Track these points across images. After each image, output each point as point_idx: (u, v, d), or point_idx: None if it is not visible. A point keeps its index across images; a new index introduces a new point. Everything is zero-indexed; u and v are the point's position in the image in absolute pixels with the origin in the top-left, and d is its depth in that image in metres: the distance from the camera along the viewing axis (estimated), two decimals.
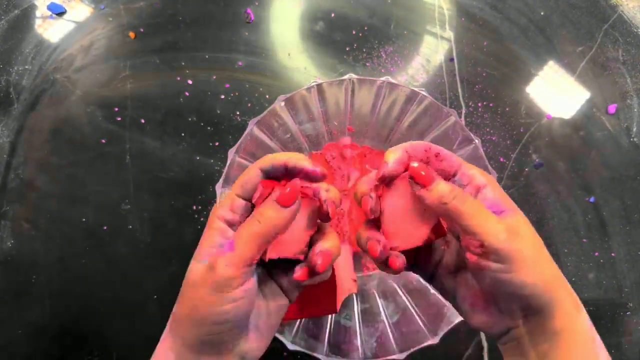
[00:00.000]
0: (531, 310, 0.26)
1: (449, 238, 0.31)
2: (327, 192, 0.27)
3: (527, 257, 0.25)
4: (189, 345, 0.27)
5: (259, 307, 0.29)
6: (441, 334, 0.40)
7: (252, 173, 0.27)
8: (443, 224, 0.28)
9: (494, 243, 0.25)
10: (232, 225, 0.28)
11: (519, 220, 0.27)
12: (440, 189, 0.26)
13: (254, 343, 0.29)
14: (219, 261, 0.25)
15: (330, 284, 0.33)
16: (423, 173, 0.26)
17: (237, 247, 0.26)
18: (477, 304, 0.28)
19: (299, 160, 0.27)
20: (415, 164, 0.26)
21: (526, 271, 0.25)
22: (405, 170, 0.27)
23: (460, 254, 0.30)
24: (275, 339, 0.40)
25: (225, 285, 0.25)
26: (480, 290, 0.28)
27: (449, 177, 0.28)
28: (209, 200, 0.48)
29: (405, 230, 0.28)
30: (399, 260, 0.27)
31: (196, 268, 0.27)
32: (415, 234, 0.28)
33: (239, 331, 0.27)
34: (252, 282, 0.27)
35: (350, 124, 0.47)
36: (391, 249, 0.28)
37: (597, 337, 0.28)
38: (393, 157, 0.27)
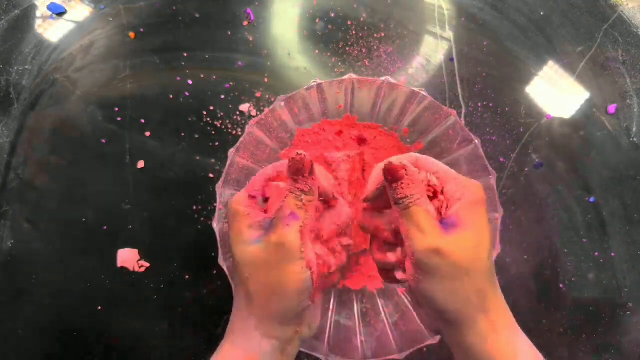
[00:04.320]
0: (446, 323, 0.29)
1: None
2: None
3: (444, 274, 0.27)
4: (270, 321, 0.29)
5: None
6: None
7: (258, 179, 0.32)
8: None
9: (416, 251, 0.27)
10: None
11: (462, 239, 0.28)
12: (401, 189, 0.28)
13: (315, 310, 0.32)
14: (286, 234, 0.27)
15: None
16: (393, 171, 0.29)
17: (301, 215, 0.28)
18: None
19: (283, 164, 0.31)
20: (389, 161, 0.29)
21: (438, 287, 0.27)
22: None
23: None
24: None
25: (299, 254, 0.27)
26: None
27: (438, 193, 0.30)
28: (209, 200, 0.48)
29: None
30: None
31: (255, 249, 0.28)
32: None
33: (309, 299, 0.29)
34: (312, 252, 0.29)
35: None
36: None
37: (522, 357, 0.28)
38: (374, 178, 0.32)
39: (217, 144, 0.50)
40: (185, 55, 0.51)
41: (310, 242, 0.30)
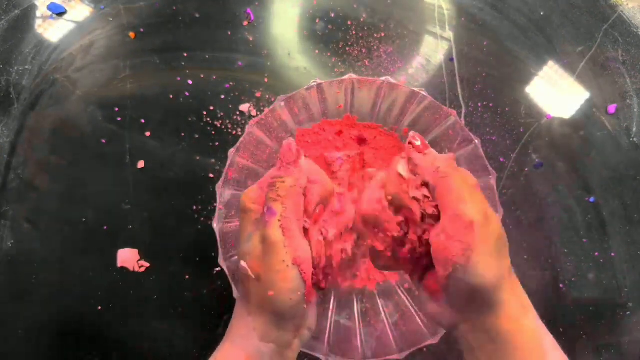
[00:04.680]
0: (475, 306, 0.27)
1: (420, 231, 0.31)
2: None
3: (487, 249, 0.26)
4: (267, 323, 0.28)
5: None
6: (441, 333, 0.40)
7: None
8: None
9: (464, 224, 0.26)
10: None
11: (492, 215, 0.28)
12: (435, 154, 0.29)
13: (312, 313, 0.31)
14: (266, 230, 0.27)
15: None
16: (417, 139, 0.30)
17: (277, 208, 0.28)
18: (435, 293, 0.30)
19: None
20: (412, 134, 0.30)
21: (481, 262, 0.26)
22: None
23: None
24: None
25: (282, 250, 0.27)
26: (437, 280, 0.29)
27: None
28: (209, 200, 0.48)
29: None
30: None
31: (248, 246, 0.28)
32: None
33: (303, 300, 0.29)
34: (305, 242, 0.29)
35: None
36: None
37: (548, 339, 0.28)
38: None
39: (217, 144, 0.50)
40: (185, 55, 0.51)
41: (300, 236, 0.29)
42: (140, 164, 0.49)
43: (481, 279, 0.26)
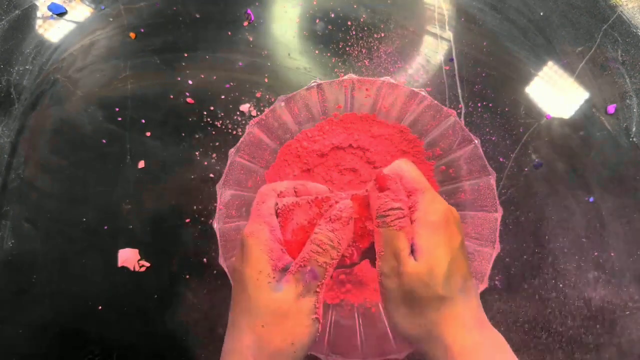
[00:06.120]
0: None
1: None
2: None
3: (400, 299, 0.29)
4: None
5: None
6: None
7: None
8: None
9: (379, 276, 0.30)
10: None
11: (417, 265, 0.29)
12: (385, 201, 0.30)
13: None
14: (304, 291, 0.28)
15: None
16: (384, 180, 0.30)
17: (320, 275, 0.28)
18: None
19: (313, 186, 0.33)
20: (385, 171, 0.31)
21: (396, 311, 0.29)
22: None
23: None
24: None
25: (313, 310, 0.28)
26: None
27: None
28: (209, 200, 0.48)
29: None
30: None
31: (277, 298, 0.28)
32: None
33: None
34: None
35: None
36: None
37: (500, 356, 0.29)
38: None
39: (217, 144, 0.50)
40: (186, 55, 0.51)
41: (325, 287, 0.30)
42: (141, 164, 0.49)
43: (396, 327, 0.30)
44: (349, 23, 0.52)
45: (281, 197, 0.32)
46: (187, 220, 0.48)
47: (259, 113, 0.50)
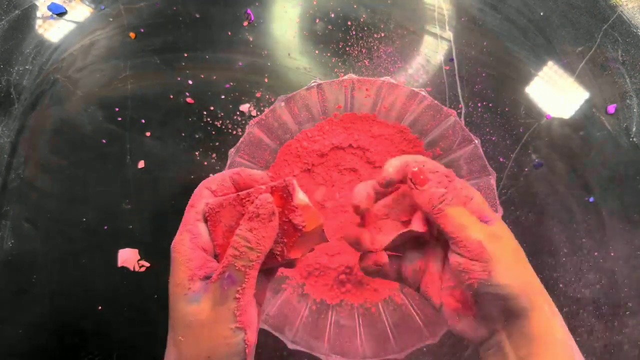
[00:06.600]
0: (509, 314, 0.28)
1: (433, 245, 0.32)
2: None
3: (505, 260, 0.28)
4: None
5: None
6: (441, 333, 0.40)
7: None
8: (422, 223, 0.31)
9: (474, 245, 0.27)
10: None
11: (502, 228, 0.29)
12: (432, 191, 0.29)
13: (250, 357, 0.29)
14: (221, 299, 0.26)
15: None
16: (419, 175, 0.30)
17: (239, 280, 0.26)
18: (462, 310, 0.30)
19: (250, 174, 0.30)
20: (415, 168, 0.30)
21: (503, 273, 0.27)
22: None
23: (445, 262, 0.32)
24: (275, 339, 0.40)
25: (233, 318, 0.26)
26: (464, 296, 0.30)
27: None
28: None
29: (387, 226, 0.33)
30: (382, 258, 0.31)
31: (193, 310, 0.26)
32: (395, 229, 0.32)
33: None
34: (254, 302, 0.27)
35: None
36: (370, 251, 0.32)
37: (573, 344, 0.29)
38: (393, 165, 0.31)
39: (217, 144, 0.50)
40: (186, 55, 0.51)
41: (252, 300, 0.27)
42: (141, 164, 0.49)
43: (508, 288, 0.27)
44: (349, 23, 0.52)
45: (216, 195, 0.30)
46: None
47: (259, 113, 0.50)
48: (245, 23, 0.52)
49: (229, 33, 0.52)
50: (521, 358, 0.28)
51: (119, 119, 0.50)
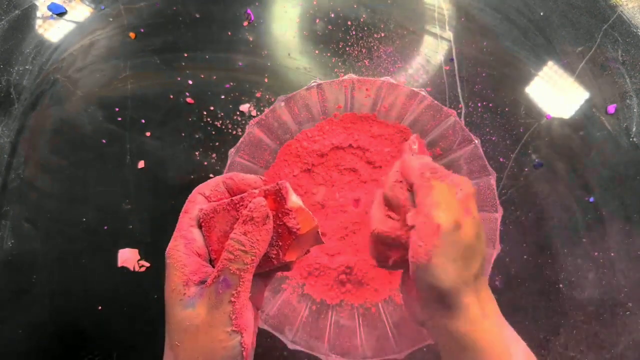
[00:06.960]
0: (438, 306, 0.29)
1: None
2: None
3: (451, 253, 0.28)
4: None
5: None
6: None
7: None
8: None
9: (430, 228, 0.28)
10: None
11: (470, 223, 0.29)
12: (429, 161, 0.32)
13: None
14: (216, 303, 0.26)
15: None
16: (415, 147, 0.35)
17: (234, 283, 0.26)
18: (410, 289, 0.32)
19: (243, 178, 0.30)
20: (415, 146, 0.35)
21: (441, 265, 0.28)
22: None
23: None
24: (275, 339, 0.40)
25: (228, 322, 0.26)
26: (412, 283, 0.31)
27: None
28: None
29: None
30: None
31: (188, 314, 0.26)
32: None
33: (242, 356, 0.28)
34: (250, 305, 0.28)
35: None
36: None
37: (514, 346, 0.29)
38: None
39: (217, 144, 0.50)
40: (186, 55, 0.51)
41: (248, 303, 0.27)
42: (141, 164, 0.49)
43: (439, 281, 0.28)
44: (349, 23, 0.52)
45: (210, 200, 0.30)
46: None
47: (259, 113, 0.50)
48: (245, 23, 0.52)
49: (229, 33, 0.52)
50: (449, 353, 0.29)
51: (119, 119, 0.50)
